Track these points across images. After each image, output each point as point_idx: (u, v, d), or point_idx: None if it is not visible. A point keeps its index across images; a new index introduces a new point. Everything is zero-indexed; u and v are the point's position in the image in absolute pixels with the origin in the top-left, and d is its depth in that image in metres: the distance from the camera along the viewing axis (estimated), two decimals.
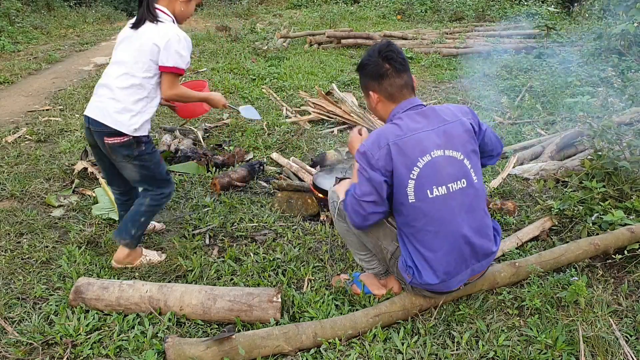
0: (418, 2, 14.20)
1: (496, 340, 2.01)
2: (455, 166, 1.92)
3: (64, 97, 6.03)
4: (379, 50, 1.99)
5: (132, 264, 2.58)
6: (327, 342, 1.98)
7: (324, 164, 3.78)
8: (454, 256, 1.96)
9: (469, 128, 1.98)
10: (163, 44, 2.24)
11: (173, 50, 2.25)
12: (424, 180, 1.88)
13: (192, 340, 1.92)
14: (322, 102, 5.12)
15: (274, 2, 18.29)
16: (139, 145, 2.37)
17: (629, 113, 4.48)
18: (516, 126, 4.75)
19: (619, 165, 2.86)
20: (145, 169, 2.44)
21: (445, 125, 1.94)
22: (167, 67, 2.28)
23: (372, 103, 2.06)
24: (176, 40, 2.26)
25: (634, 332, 2.05)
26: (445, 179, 1.90)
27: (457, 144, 1.94)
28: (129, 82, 2.30)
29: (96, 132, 2.34)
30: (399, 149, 1.88)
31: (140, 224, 2.52)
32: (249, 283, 2.44)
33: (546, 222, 2.83)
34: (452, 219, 1.92)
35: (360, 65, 2.06)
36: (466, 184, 1.94)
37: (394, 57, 1.97)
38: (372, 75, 2.00)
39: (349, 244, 2.29)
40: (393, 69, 1.97)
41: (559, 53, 7.53)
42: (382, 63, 1.97)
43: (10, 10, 11.15)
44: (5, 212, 3.18)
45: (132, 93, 2.30)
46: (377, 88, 2.01)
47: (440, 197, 1.90)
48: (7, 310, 2.26)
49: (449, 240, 1.94)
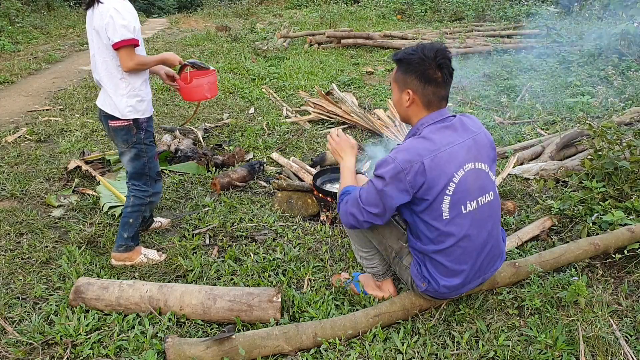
0: (418, 2, 14.20)
1: (496, 340, 2.01)
2: (483, 179, 1.89)
3: (64, 97, 6.03)
4: (435, 53, 1.83)
5: (131, 260, 2.62)
6: (327, 342, 1.98)
7: (324, 164, 3.78)
8: (475, 269, 1.98)
9: (491, 138, 1.97)
10: (104, 24, 2.27)
11: (117, 25, 2.26)
12: (460, 195, 1.83)
13: (192, 340, 1.92)
14: (322, 102, 5.12)
15: (274, 2, 18.30)
16: (138, 131, 2.49)
17: (629, 113, 4.49)
18: (516, 126, 4.75)
19: (619, 165, 2.85)
20: (138, 159, 2.55)
21: (474, 137, 1.89)
22: (116, 42, 2.29)
23: (404, 101, 1.91)
24: (115, 13, 2.27)
25: (634, 332, 2.05)
26: (476, 194, 1.87)
27: (484, 156, 1.90)
28: (104, 67, 2.40)
29: (102, 117, 2.51)
30: (435, 165, 1.78)
31: (130, 225, 2.61)
32: (249, 283, 2.44)
33: (546, 222, 2.83)
34: (479, 233, 1.91)
35: (406, 59, 1.87)
36: (492, 197, 1.94)
37: (448, 66, 1.85)
38: (420, 75, 1.85)
39: (353, 240, 2.28)
40: (443, 79, 1.85)
41: (559, 53, 7.53)
42: (435, 67, 1.83)
43: (10, 10, 11.17)
44: (5, 212, 3.18)
45: (110, 77, 2.41)
46: (418, 90, 1.87)
47: (472, 213, 1.87)
48: (7, 310, 2.26)
49: (474, 255, 1.94)
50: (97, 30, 2.32)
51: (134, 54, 2.36)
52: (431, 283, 1.99)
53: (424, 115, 1.91)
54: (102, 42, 2.35)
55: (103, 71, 2.41)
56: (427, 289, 2.02)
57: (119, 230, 2.63)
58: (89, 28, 2.40)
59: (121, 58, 2.34)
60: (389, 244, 2.10)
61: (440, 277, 1.97)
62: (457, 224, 1.86)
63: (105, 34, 2.30)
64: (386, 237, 2.09)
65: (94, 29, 2.34)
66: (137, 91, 2.45)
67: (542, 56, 7.72)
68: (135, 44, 2.33)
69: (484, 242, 1.95)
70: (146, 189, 2.62)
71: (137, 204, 2.61)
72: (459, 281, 1.98)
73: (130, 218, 2.60)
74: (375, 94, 6.12)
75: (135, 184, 2.61)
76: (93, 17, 2.33)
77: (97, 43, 2.37)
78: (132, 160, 2.55)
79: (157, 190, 2.68)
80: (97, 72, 2.44)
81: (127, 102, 2.42)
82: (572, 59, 7.12)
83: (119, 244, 2.60)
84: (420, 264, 2.01)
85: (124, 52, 2.32)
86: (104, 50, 2.36)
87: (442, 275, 1.97)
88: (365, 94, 6.09)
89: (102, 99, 2.48)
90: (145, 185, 2.61)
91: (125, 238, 2.59)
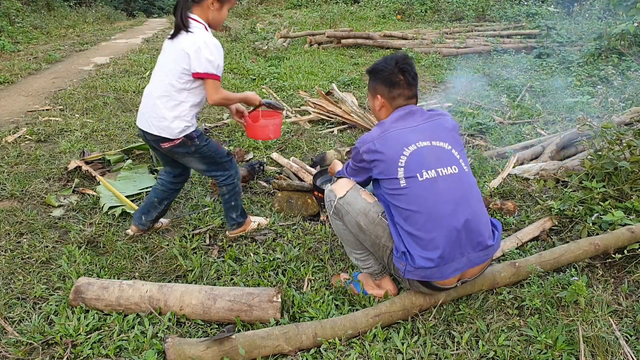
0: (418, 2, 14.21)
1: (496, 340, 2.01)
2: (443, 154, 2.03)
3: (64, 97, 6.03)
4: (396, 61, 2.13)
5: (244, 231, 2.90)
6: (327, 342, 1.98)
7: (324, 164, 3.78)
8: (448, 240, 1.94)
9: (455, 125, 2.15)
10: (192, 51, 2.36)
11: (203, 57, 2.36)
12: (413, 166, 1.98)
13: (192, 340, 1.92)
14: (322, 102, 5.12)
15: (274, 2, 18.31)
16: (192, 141, 2.56)
17: (629, 113, 4.49)
18: (516, 126, 4.75)
19: (619, 165, 2.85)
20: (207, 158, 2.65)
21: (430, 121, 2.10)
22: (199, 73, 2.39)
23: (376, 106, 2.21)
24: (204, 46, 2.36)
25: (634, 332, 2.05)
26: (434, 164, 2.00)
27: (443, 136, 2.07)
28: (165, 90, 2.46)
29: (151, 141, 2.57)
30: (384, 142, 2.03)
31: (234, 207, 2.81)
32: (249, 283, 2.45)
33: (546, 222, 2.83)
34: (444, 201, 1.96)
35: (374, 69, 2.20)
36: (458, 171, 2.02)
37: (409, 70, 2.12)
38: (385, 81, 2.14)
39: (345, 243, 2.30)
40: (405, 81, 2.12)
41: (559, 53, 7.54)
42: (397, 73, 2.11)
43: (10, 10, 11.17)
44: (5, 212, 3.18)
45: (168, 100, 2.46)
46: (385, 94, 2.15)
47: (431, 180, 1.97)
48: (7, 310, 2.26)
49: (441, 223, 1.94)
50: (181, 53, 2.37)
51: (220, 88, 2.48)
52: (408, 258, 1.97)
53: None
54: (178, 65, 2.40)
55: (163, 93, 2.45)
56: (407, 269, 1.99)
57: (226, 214, 2.83)
58: (168, 51, 2.46)
59: (208, 90, 2.45)
60: (383, 242, 2.11)
61: (413, 248, 1.96)
62: (414, 190, 1.97)
63: (188, 60, 2.37)
64: (379, 237, 2.10)
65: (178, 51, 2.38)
66: (189, 118, 2.52)
67: (542, 56, 7.72)
68: (217, 79, 2.44)
69: (452, 212, 1.94)
70: (228, 172, 2.72)
71: (230, 189, 2.74)
72: (436, 254, 1.93)
73: (232, 202, 2.77)
74: None
75: (216, 174, 2.72)
76: (178, 42, 2.40)
77: (170, 65, 2.43)
78: (200, 162, 2.65)
79: (235, 167, 2.77)
80: (153, 93, 2.49)
81: (178, 125, 2.49)
82: (572, 59, 7.13)
83: (231, 224, 2.84)
84: (397, 240, 2.02)
85: (211, 85, 2.43)
86: (176, 74, 2.41)
87: (415, 245, 1.95)
88: (365, 94, 6.09)
89: (148, 123, 2.51)
90: (225, 170, 2.71)
91: (234, 218, 2.82)
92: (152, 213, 2.84)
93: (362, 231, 2.12)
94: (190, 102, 2.50)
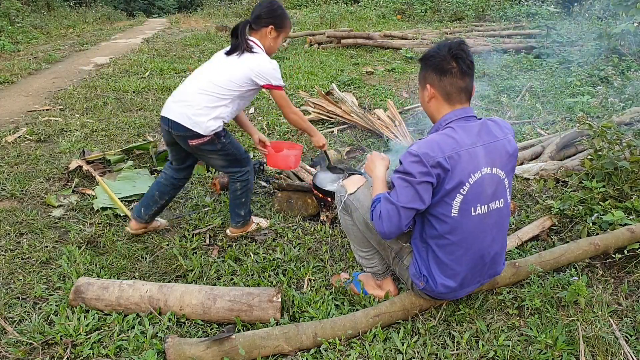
0: (418, 2, 14.20)
1: (496, 340, 2.01)
2: (497, 185, 1.90)
3: (64, 97, 6.03)
4: (449, 47, 1.88)
5: (245, 232, 2.92)
6: (327, 342, 1.98)
7: (324, 164, 3.78)
8: (475, 272, 1.99)
9: (515, 147, 1.96)
10: (261, 68, 2.50)
11: (271, 73, 2.52)
12: (471, 197, 1.84)
13: (192, 340, 1.92)
14: (322, 102, 5.12)
15: None
16: (219, 139, 2.61)
17: (629, 113, 4.48)
18: (516, 126, 4.75)
19: (619, 165, 2.85)
20: (229, 155, 2.70)
21: (495, 142, 1.90)
22: (272, 85, 2.54)
23: (426, 97, 1.96)
24: (271, 66, 2.53)
25: (634, 332, 2.05)
26: (488, 198, 1.88)
27: (502, 162, 1.90)
28: (211, 90, 2.51)
29: (179, 137, 2.58)
30: (455, 163, 1.80)
31: (243, 204, 2.83)
32: (249, 283, 2.45)
33: (546, 221, 2.83)
34: (484, 237, 1.93)
35: (425, 56, 1.96)
36: (502, 205, 1.94)
37: (463, 57, 1.87)
38: (436, 68, 1.90)
39: (351, 240, 2.28)
40: (459, 69, 1.87)
41: (559, 53, 7.53)
42: (449, 59, 1.87)
43: (10, 10, 11.17)
44: (5, 212, 3.18)
45: (211, 100, 2.51)
46: (436, 83, 1.91)
47: (481, 216, 1.88)
48: (7, 310, 2.26)
49: (475, 257, 1.95)
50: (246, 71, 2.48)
51: (292, 105, 2.67)
52: (429, 282, 1.99)
53: (447, 111, 1.92)
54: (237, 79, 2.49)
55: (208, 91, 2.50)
56: (426, 288, 2.02)
57: (233, 210, 2.83)
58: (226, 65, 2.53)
59: (281, 103, 2.63)
60: (389, 244, 2.11)
61: (438, 275, 1.96)
62: (464, 224, 1.87)
63: (251, 71, 2.48)
64: None
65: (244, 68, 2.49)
66: (228, 115, 2.59)
67: (542, 56, 7.72)
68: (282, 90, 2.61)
69: (486, 248, 1.95)
70: (245, 169, 2.76)
71: (244, 184, 2.78)
72: (456, 284, 1.97)
73: (242, 198, 2.80)
74: (375, 94, 6.12)
75: (234, 170, 2.75)
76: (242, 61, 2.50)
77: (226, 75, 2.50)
78: (223, 159, 2.70)
79: (251, 164, 2.82)
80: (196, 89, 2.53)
81: (214, 123, 2.53)
82: (572, 59, 7.12)
83: (237, 220, 2.85)
84: (420, 260, 2.00)
85: (285, 101, 2.63)
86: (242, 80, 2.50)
87: (440, 273, 1.96)
88: (365, 94, 6.09)
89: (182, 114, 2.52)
90: (242, 167, 2.75)
91: (242, 215, 2.84)
92: (152, 207, 2.83)
93: (370, 229, 2.11)
94: (234, 108, 2.59)
